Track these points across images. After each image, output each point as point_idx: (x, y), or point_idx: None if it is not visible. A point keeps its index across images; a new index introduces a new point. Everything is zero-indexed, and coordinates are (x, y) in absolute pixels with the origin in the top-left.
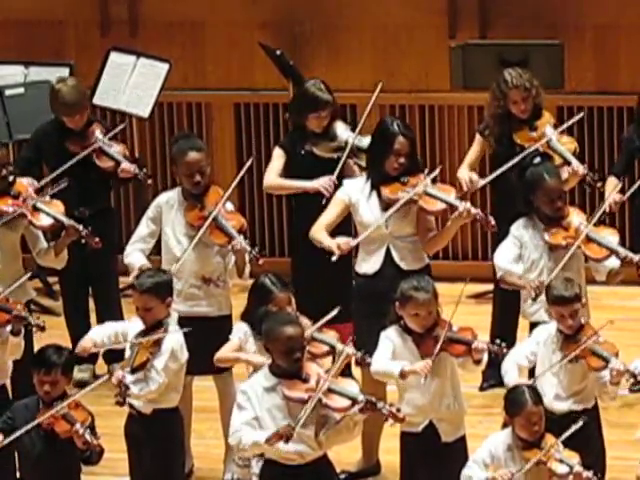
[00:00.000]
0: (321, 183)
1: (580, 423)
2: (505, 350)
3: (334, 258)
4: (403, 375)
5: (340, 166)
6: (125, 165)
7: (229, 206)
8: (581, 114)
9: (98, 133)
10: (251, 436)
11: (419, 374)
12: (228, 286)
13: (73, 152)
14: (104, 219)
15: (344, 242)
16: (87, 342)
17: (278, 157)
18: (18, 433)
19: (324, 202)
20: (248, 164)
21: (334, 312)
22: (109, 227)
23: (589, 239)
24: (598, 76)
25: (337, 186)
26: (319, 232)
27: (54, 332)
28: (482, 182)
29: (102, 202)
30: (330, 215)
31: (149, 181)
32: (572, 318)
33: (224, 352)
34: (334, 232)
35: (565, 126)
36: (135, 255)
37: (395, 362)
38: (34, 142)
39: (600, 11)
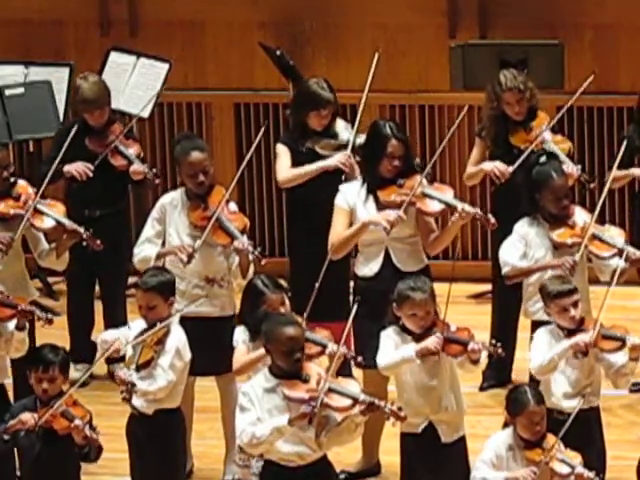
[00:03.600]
0: (338, 159)
1: (574, 413)
2: (500, 350)
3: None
4: (418, 356)
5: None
6: (135, 166)
7: (232, 206)
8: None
9: (117, 132)
10: (267, 425)
11: (432, 350)
12: (232, 287)
13: (92, 150)
14: (115, 221)
15: (394, 217)
16: (117, 343)
17: (284, 153)
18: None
19: (344, 178)
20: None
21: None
22: (119, 228)
23: (595, 237)
24: (598, 76)
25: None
26: (343, 232)
27: (54, 332)
28: (512, 168)
29: (116, 204)
30: (340, 224)
31: (157, 181)
32: (574, 308)
33: (240, 361)
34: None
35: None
36: (147, 248)
37: (404, 347)
38: (58, 142)
39: (600, 11)
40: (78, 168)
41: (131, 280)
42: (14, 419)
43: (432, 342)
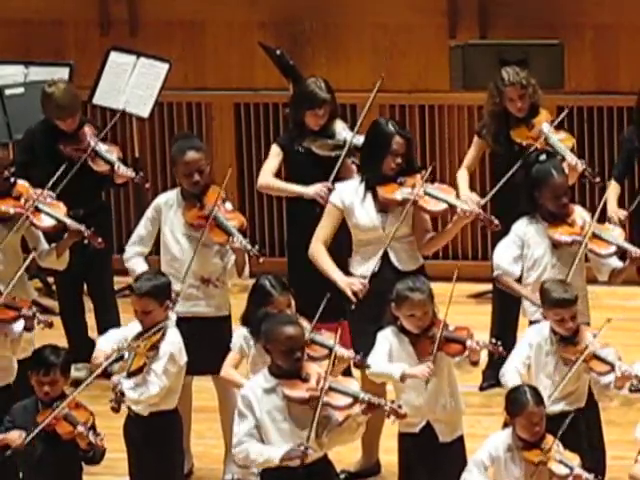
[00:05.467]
0: (316, 191)
1: (570, 417)
2: (501, 349)
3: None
4: (403, 379)
5: (338, 165)
6: (121, 171)
7: (228, 205)
8: (566, 110)
9: (90, 135)
10: (261, 453)
11: (420, 379)
12: (227, 287)
13: (66, 154)
14: (98, 217)
15: (359, 288)
16: (99, 356)
17: (275, 155)
18: (28, 438)
19: (318, 211)
20: (228, 175)
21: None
22: (103, 225)
23: (595, 236)
24: (598, 76)
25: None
26: (322, 256)
27: (54, 332)
28: (484, 200)
29: (96, 201)
30: (326, 227)
31: (147, 185)
32: (572, 320)
33: (228, 371)
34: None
35: (557, 121)
36: (136, 260)
37: (395, 365)
38: (26, 145)
39: (600, 11)
40: None
41: (117, 279)
42: (7, 430)
43: (421, 371)
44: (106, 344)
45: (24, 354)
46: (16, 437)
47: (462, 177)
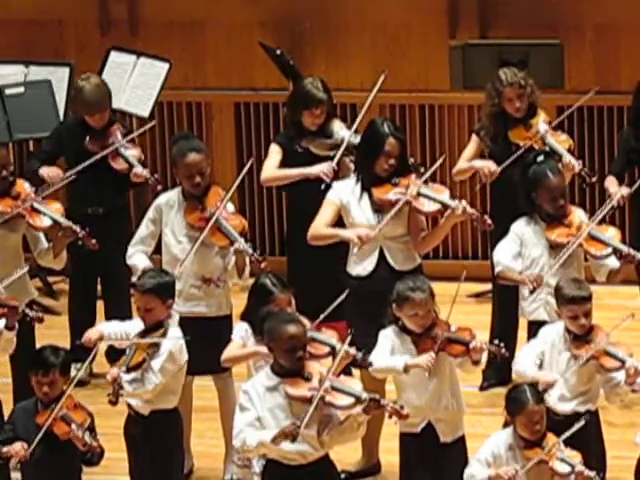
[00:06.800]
0: (321, 169)
1: (582, 422)
2: (503, 350)
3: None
4: (407, 369)
5: (335, 163)
6: (138, 169)
7: (230, 207)
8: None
9: (118, 134)
10: (255, 436)
11: (423, 368)
12: (228, 286)
13: (91, 151)
14: (117, 218)
15: (365, 234)
16: (94, 333)
17: (275, 153)
18: (33, 445)
19: (323, 187)
20: (247, 166)
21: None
22: (122, 226)
23: (591, 237)
24: (598, 76)
25: (336, 173)
26: (322, 229)
27: (54, 331)
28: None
29: (117, 201)
30: (325, 217)
31: (159, 187)
32: (586, 317)
33: (231, 352)
34: None
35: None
36: (138, 257)
37: (397, 357)
38: (56, 137)
39: (600, 11)
40: (51, 173)
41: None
42: (7, 445)
43: (424, 360)
44: (105, 327)
45: (4, 353)
46: (19, 449)
47: (462, 164)
